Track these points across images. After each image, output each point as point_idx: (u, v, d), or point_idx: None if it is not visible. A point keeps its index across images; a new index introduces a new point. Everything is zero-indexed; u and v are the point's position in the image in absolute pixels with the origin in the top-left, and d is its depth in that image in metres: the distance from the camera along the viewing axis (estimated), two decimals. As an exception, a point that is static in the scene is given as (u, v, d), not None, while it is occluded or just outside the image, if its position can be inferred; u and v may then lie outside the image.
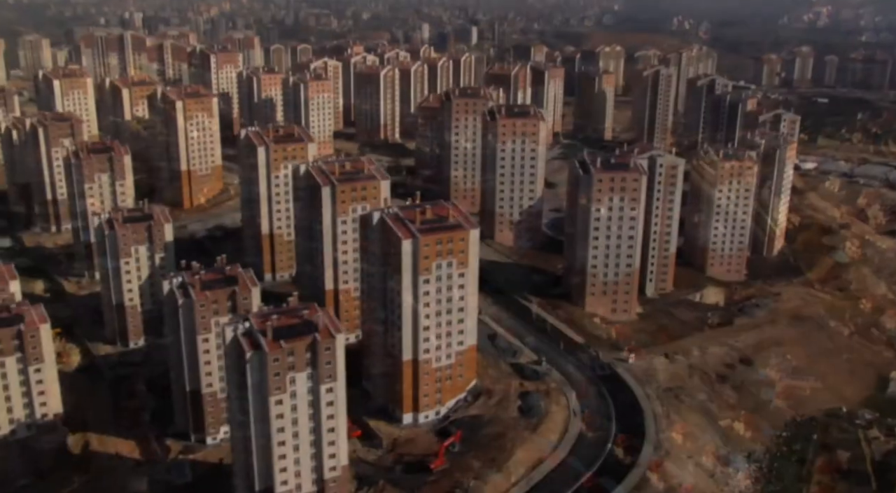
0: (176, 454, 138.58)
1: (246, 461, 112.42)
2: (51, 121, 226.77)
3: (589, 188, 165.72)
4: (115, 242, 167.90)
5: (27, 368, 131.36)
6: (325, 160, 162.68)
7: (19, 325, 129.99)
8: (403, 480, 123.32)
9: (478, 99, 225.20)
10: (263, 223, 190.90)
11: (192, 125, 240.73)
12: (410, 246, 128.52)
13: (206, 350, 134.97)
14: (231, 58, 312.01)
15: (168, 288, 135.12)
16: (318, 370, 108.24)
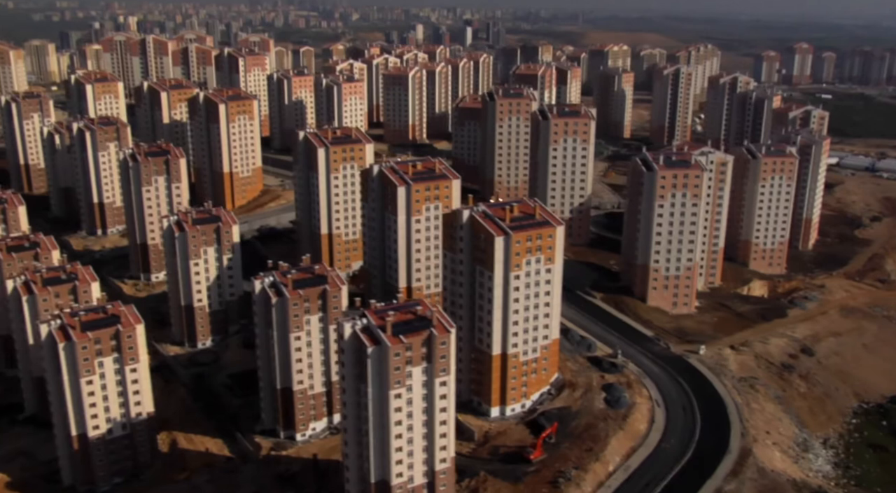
0: (267, 451, 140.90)
1: (360, 455, 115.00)
2: (98, 125, 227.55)
3: (653, 185, 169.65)
4: (186, 244, 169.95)
5: (124, 368, 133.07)
6: (397, 161, 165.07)
7: (117, 325, 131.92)
8: (502, 471, 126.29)
9: (521, 99, 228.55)
10: (322, 223, 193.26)
11: (235, 128, 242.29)
12: (503, 243, 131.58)
13: (298, 348, 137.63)
14: (259, 61, 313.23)
15: (260, 287, 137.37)
16: (433, 365, 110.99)
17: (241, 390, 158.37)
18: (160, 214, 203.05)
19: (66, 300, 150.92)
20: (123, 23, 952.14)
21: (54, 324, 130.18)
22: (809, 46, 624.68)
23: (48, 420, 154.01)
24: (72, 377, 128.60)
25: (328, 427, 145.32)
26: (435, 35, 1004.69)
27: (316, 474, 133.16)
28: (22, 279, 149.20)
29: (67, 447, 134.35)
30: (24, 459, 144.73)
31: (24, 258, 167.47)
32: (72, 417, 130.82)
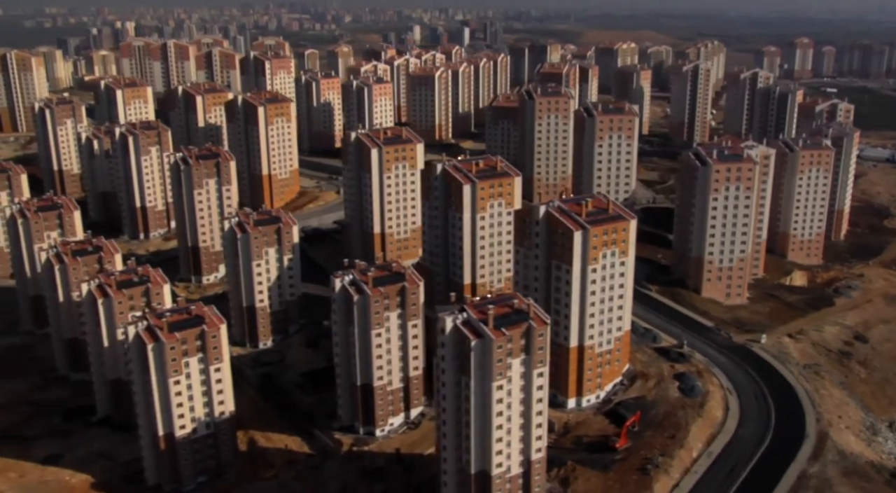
0: (349, 447, 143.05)
1: (459, 446, 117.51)
2: (140, 129, 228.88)
3: (707, 179, 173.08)
4: (248, 245, 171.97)
5: (209, 367, 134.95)
6: (459, 160, 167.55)
7: (202, 326, 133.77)
8: (589, 460, 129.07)
9: (560, 97, 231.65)
10: (375, 222, 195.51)
11: (273, 130, 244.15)
12: (581, 237, 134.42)
13: (379, 345, 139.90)
14: (284, 63, 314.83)
15: (340, 286, 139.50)
16: (531, 356, 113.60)
17: (312, 388, 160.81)
18: (211, 217, 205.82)
19: (140, 302, 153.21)
20: (121, 28, 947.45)
21: (141, 325, 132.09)
22: (810, 41, 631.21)
23: (123, 422, 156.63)
24: (160, 378, 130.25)
25: (405, 422, 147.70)
26: (432, 36, 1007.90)
27: (401, 467, 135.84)
28: (96, 283, 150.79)
29: (153, 446, 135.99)
30: (104, 460, 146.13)
31: (89, 263, 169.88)
32: (159, 417, 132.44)
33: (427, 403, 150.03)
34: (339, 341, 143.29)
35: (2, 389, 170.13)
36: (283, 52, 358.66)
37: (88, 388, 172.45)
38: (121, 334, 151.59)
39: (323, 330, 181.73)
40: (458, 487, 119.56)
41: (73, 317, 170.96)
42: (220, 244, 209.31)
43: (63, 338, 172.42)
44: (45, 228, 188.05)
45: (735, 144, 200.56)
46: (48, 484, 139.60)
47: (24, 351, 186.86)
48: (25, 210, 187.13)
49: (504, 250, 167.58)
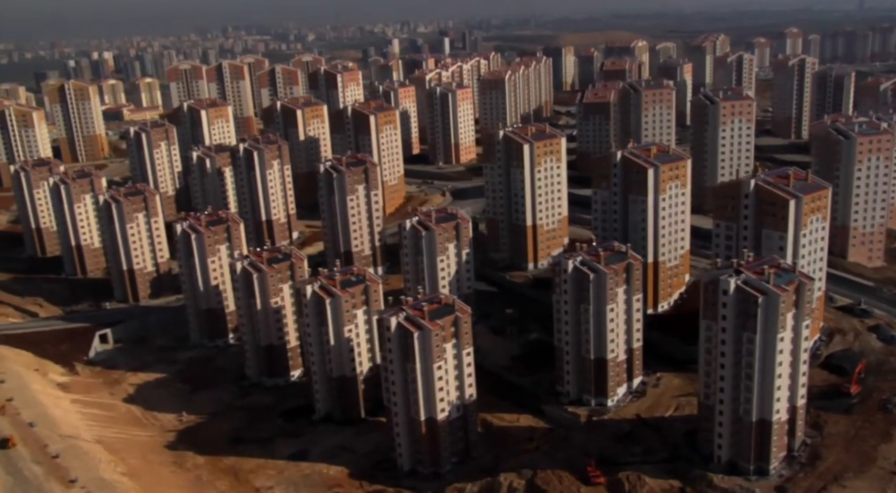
0: (587, 418, 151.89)
1: (736, 398, 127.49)
2: (264, 144, 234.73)
3: (851, 151, 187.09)
4: (433, 242, 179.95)
5: (461, 352, 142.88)
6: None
7: (455, 313, 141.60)
8: (828, 406, 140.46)
9: (664, 89, 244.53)
10: (527, 216, 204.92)
11: (383, 137, 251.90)
12: (794, 206, 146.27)
13: (612, 319, 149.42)
14: (353, 76, 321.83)
15: (572, 266, 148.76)
16: (801, 310, 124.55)
17: (525, 369, 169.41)
18: (360, 222, 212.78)
19: (360, 300, 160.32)
20: (99, 59, 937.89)
21: (401, 316, 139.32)
22: (799, 31, 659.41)
23: (346, 418, 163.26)
24: (424, 364, 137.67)
25: (628, 392, 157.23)
26: (412, 47, 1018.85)
27: (651, 429, 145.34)
28: (318, 285, 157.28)
29: (410, 432, 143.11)
30: (347, 453, 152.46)
31: (282, 270, 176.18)
32: (421, 402, 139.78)
33: (646, 373, 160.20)
34: (570, 319, 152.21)
35: (206, 398, 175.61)
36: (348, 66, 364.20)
37: (288, 391, 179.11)
38: (347, 331, 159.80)
39: (504, 319, 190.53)
40: (734, 435, 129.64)
41: (270, 324, 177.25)
42: (369, 249, 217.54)
43: (259, 345, 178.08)
44: (215, 242, 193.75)
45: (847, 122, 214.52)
46: (310, 477, 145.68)
47: (206, 363, 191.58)
48: (196, 226, 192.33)
49: (680, 229, 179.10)
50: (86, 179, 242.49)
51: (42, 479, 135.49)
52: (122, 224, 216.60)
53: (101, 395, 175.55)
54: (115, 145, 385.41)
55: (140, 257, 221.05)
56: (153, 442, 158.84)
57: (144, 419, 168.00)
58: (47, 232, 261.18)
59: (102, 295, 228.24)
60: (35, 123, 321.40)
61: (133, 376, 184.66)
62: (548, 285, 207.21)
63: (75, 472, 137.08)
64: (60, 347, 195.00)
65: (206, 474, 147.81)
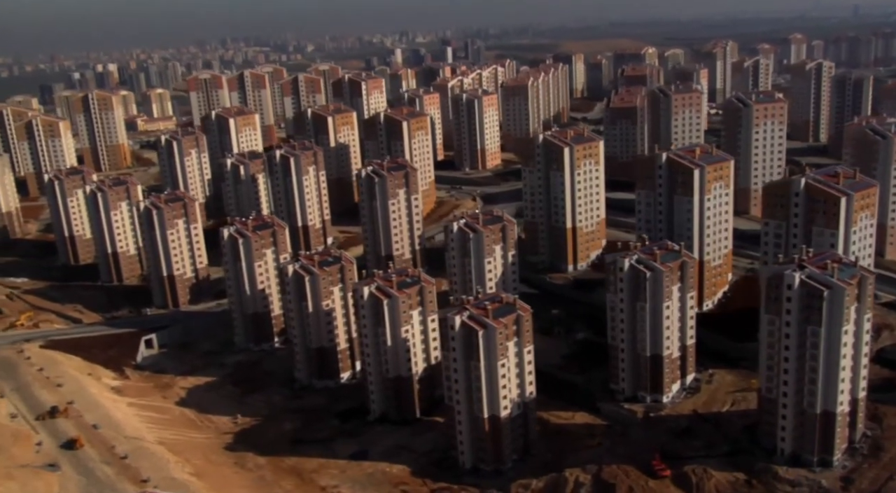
0: (643, 414, 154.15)
1: (800, 390, 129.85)
2: (301, 150, 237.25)
3: (889, 150, 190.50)
4: (480, 243, 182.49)
5: (522, 350, 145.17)
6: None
7: (516, 312, 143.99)
8: (886, 399, 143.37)
9: (693, 93, 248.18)
10: (567, 218, 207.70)
11: (415, 143, 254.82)
12: (846, 204, 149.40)
13: (668, 316, 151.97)
14: (377, 84, 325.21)
15: (628, 265, 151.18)
16: (863, 304, 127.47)
17: (576, 368, 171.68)
18: (400, 226, 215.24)
19: (416, 301, 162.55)
20: (104, 71, 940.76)
21: (464, 315, 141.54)
22: (803, 37, 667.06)
23: (401, 418, 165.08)
24: (488, 362, 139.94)
25: (682, 389, 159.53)
26: (414, 57, 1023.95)
27: (709, 424, 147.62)
28: (374, 286, 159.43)
29: (472, 430, 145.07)
30: (406, 452, 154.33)
31: (332, 273, 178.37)
32: (485, 400, 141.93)
33: (697, 370, 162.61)
34: (626, 317, 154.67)
35: (258, 401, 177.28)
36: (371, 75, 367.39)
37: (339, 393, 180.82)
38: (403, 331, 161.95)
39: (550, 319, 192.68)
40: (797, 428, 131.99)
41: (321, 326, 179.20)
42: (409, 252, 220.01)
43: (310, 348, 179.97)
44: (261, 246, 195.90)
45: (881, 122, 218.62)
46: (373, 475, 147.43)
47: (254, 366, 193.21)
48: (243, 230, 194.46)
49: (724, 229, 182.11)
50: (122, 186, 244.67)
51: (114, 479, 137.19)
52: (162, 230, 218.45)
53: (155, 398, 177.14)
54: (136, 155, 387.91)
55: (180, 263, 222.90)
56: (211, 444, 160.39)
57: (199, 422, 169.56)
58: (80, 240, 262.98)
59: (139, 301, 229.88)
60: (61, 132, 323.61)
61: (183, 379, 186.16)
62: (589, 286, 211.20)
63: (145, 472, 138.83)
64: (108, 352, 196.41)
65: (269, 474, 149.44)
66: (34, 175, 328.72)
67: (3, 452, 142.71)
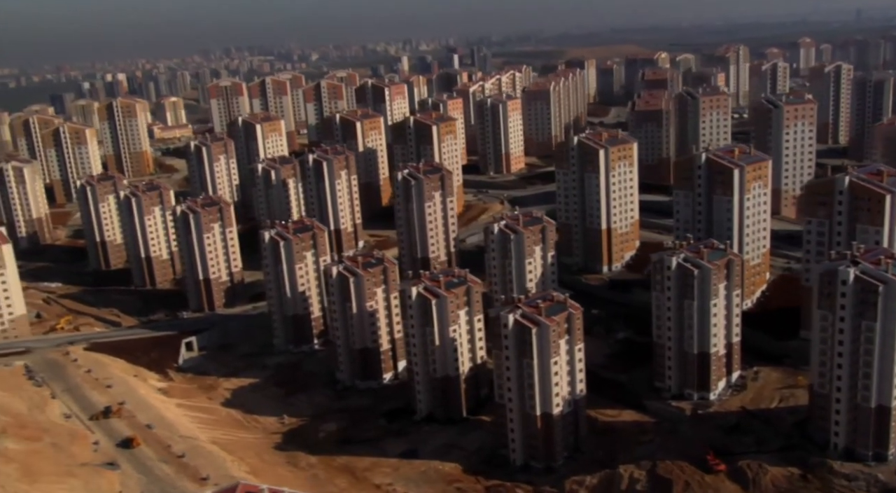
0: (692, 411, 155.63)
1: (853, 385, 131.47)
2: (333, 155, 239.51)
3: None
4: (521, 245, 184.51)
5: (573, 348, 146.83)
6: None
7: (568, 310, 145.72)
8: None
9: (720, 95, 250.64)
10: (602, 219, 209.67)
11: (444, 147, 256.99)
12: (890, 201, 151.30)
13: (715, 314, 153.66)
14: (400, 89, 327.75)
15: (676, 263, 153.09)
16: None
17: (620, 366, 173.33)
18: (436, 228, 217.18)
19: (463, 300, 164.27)
20: (113, 80, 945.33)
21: (517, 313, 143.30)
22: (812, 41, 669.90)
23: (447, 417, 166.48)
24: (541, 360, 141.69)
25: (727, 386, 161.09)
26: (421, 65, 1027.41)
27: (759, 420, 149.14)
28: (422, 287, 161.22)
29: (524, 427, 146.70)
30: (456, 450, 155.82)
31: (376, 274, 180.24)
32: (537, 397, 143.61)
33: (742, 367, 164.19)
34: (673, 315, 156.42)
35: (303, 401, 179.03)
36: (395, 81, 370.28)
37: (382, 393, 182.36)
38: (451, 331, 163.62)
39: (590, 319, 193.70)
40: (851, 422, 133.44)
41: (365, 327, 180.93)
42: (445, 254, 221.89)
43: (353, 349, 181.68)
44: (302, 249, 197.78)
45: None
46: (426, 473, 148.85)
47: (295, 368, 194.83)
48: (284, 233, 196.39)
49: (762, 228, 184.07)
50: (155, 191, 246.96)
51: (174, 477, 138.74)
52: (199, 234, 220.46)
53: (200, 400, 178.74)
54: (158, 161, 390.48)
55: (216, 267, 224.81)
56: (261, 444, 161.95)
57: (246, 422, 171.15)
58: (112, 245, 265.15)
59: (174, 305, 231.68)
60: (88, 140, 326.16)
61: (226, 381, 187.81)
62: (625, 286, 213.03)
63: (204, 470, 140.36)
64: (150, 354, 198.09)
65: (321, 472, 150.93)
66: (60, 182, 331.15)
67: (62, 451, 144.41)
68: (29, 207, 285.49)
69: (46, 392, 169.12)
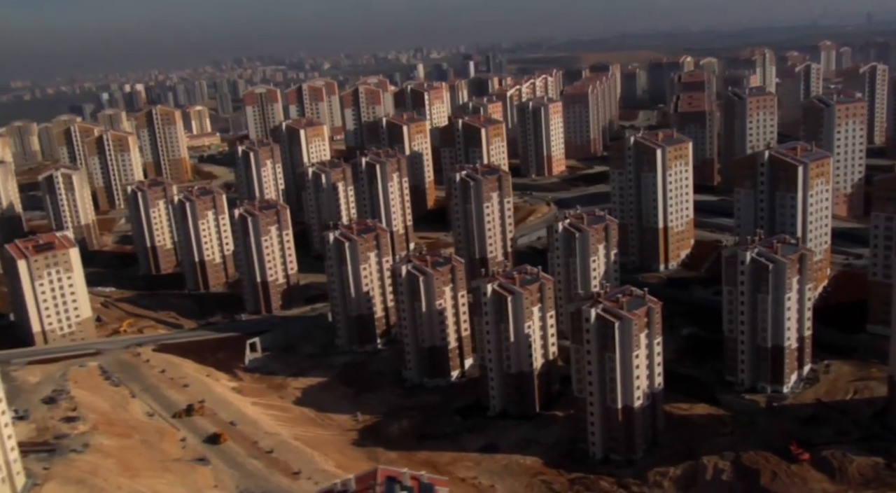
0: (766, 404, 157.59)
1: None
2: (385, 157, 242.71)
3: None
4: (587, 243, 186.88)
5: (652, 342, 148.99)
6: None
7: (647, 304, 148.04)
8: None
9: (766, 95, 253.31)
10: (659, 218, 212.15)
11: (492, 149, 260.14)
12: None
13: (789, 308, 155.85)
14: (439, 93, 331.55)
15: (749, 257, 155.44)
16: None
17: (689, 361, 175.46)
18: (494, 229, 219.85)
19: (536, 296, 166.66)
20: (132, 91, 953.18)
21: (598, 308, 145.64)
22: (832, 44, 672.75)
23: (521, 413, 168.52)
24: (623, 353, 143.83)
25: (799, 379, 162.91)
26: (437, 72, 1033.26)
27: (837, 412, 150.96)
28: (496, 284, 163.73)
29: (605, 420, 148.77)
30: (534, 445, 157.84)
31: (444, 273, 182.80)
32: (619, 390, 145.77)
33: (813, 361, 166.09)
34: (746, 309, 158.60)
35: (373, 400, 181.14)
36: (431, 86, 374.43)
37: (451, 391, 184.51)
38: (526, 327, 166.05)
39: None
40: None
41: (434, 325, 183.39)
42: (502, 255, 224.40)
43: (422, 347, 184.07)
44: (366, 249, 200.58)
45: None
46: (508, 467, 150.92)
47: (361, 367, 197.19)
48: (349, 234, 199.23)
49: (824, 224, 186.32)
50: (208, 196, 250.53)
51: (266, 472, 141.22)
52: (256, 237, 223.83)
53: (273, 399, 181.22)
54: (195, 168, 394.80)
55: (273, 269, 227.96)
56: (338, 440, 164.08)
57: (320, 420, 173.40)
58: (162, 250, 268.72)
59: (229, 308, 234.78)
60: (130, 147, 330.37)
61: (294, 380, 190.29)
62: (683, 283, 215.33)
63: (294, 465, 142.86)
64: (216, 355, 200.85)
65: (404, 467, 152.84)
66: (103, 189, 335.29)
67: (152, 447, 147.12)
68: (78, 213, 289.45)
69: (125, 391, 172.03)
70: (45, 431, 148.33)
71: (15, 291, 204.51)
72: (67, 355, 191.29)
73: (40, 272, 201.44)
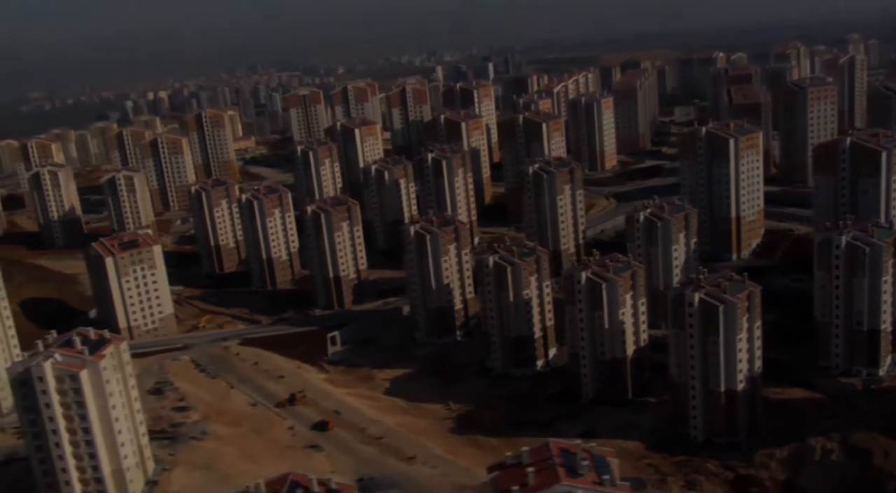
0: (864, 387, 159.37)
1: None
2: (451, 153, 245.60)
3: None
4: (669, 232, 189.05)
5: (753, 326, 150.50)
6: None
7: (748, 288, 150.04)
8: None
9: (827, 86, 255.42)
10: (731, 208, 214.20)
11: (553, 145, 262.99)
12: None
13: (885, 291, 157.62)
14: (487, 91, 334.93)
15: (845, 242, 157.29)
16: None
17: (779, 346, 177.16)
18: (566, 222, 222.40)
19: (628, 285, 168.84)
20: (155, 98, 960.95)
21: (701, 293, 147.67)
22: (860, 37, 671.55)
23: (615, 399, 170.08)
24: (727, 337, 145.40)
25: (893, 362, 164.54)
26: (456, 73, 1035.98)
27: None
28: (591, 271, 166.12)
29: (707, 404, 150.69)
30: (633, 430, 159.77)
31: (531, 263, 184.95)
32: (722, 373, 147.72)
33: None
34: (841, 292, 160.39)
35: (461, 389, 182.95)
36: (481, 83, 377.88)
37: (538, 380, 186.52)
38: (620, 314, 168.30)
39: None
40: None
41: (520, 315, 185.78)
42: (574, 247, 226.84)
43: (508, 337, 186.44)
44: (446, 242, 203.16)
45: None
46: (610, 448, 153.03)
47: (444, 359, 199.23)
48: (429, 227, 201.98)
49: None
50: (275, 194, 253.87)
51: (380, 457, 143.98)
52: (329, 234, 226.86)
53: (363, 389, 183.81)
54: (243, 170, 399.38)
55: (345, 265, 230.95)
56: (436, 428, 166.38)
57: (412, 410, 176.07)
58: (225, 249, 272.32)
59: (299, 304, 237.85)
60: (183, 150, 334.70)
61: (380, 372, 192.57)
62: (758, 271, 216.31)
63: (408, 451, 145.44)
64: (299, 348, 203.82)
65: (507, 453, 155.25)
66: (157, 191, 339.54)
67: (263, 435, 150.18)
68: (139, 214, 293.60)
69: (223, 383, 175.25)
70: (159, 420, 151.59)
71: (101, 287, 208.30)
72: (157, 350, 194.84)
73: (126, 269, 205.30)
